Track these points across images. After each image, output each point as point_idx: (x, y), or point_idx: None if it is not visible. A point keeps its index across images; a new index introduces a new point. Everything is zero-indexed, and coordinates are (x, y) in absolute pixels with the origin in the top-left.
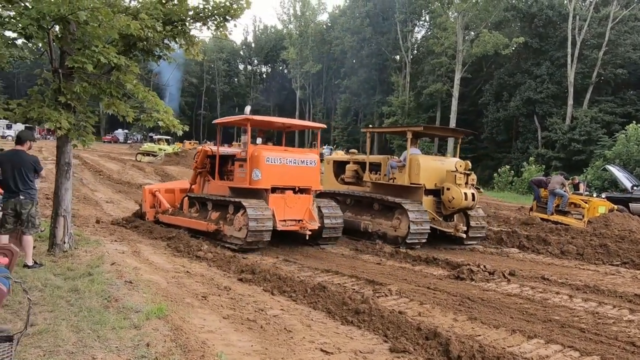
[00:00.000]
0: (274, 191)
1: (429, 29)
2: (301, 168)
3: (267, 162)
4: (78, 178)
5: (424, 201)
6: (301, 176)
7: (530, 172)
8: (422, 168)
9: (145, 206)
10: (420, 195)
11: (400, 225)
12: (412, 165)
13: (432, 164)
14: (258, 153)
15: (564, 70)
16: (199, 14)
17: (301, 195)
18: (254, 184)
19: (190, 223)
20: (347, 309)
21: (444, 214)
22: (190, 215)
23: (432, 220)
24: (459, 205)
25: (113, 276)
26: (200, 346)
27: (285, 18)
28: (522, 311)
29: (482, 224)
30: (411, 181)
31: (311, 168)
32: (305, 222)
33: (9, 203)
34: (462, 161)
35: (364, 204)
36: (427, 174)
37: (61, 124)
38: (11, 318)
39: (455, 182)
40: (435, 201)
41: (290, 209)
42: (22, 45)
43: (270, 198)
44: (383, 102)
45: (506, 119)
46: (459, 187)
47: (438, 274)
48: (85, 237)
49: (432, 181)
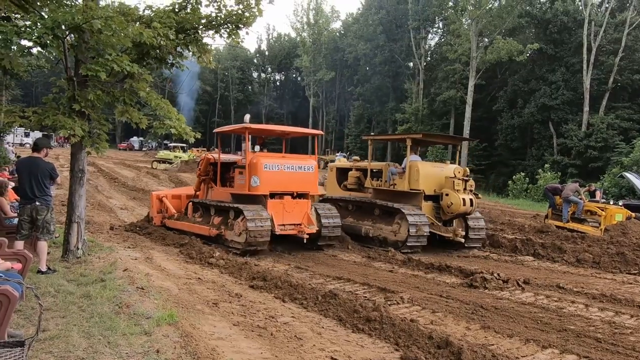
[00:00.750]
0: (273, 197)
1: (442, 36)
2: (299, 174)
3: (265, 169)
4: (93, 185)
5: (423, 206)
6: (299, 182)
7: (545, 179)
8: (421, 174)
9: (152, 211)
10: (419, 201)
11: (400, 229)
12: (412, 171)
13: (431, 170)
14: (256, 160)
15: (579, 77)
16: (212, 22)
17: (299, 200)
18: (252, 190)
19: (194, 228)
20: (358, 316)
21: (443, 219)
22: (195, 220)
23: (431, 225)
24: (457, 210)
25: (125, 282)
26: (210, 353)
27: (298, 26)
28: (537, 320)
29: (480, 225)
30: (411, 187)
31: (309, 174)
32: (304, 226)
33: (25, 209)
34: (460, 167)
35: (365, 209)
36: (427, 180)
37: (75, 131)
38: (23, 323)
39: (454, 188)
40: (434, 206)
41: (288, 214)
42: (38, 54)
43: (269, 203)
44: (396, 109)
45: (521, 126)
46: (458, 193)
47: (451, 282)
48: (99, 244)
49: (432, 187)
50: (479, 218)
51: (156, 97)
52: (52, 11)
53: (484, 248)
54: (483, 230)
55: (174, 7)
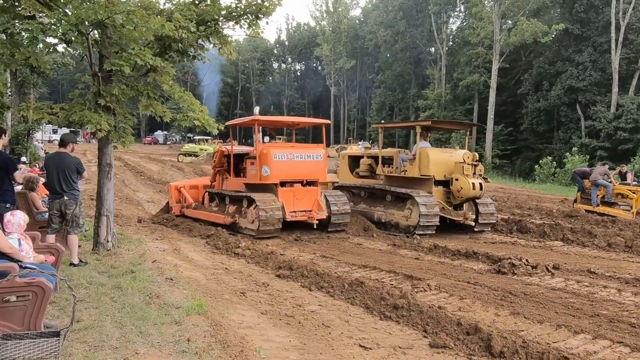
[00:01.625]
0: (284, 185)
1: (464, 20)
2: (308, 162)
3: (275, 159)
4: (120, 179)
5: (434, 192)
6: (308, 170)
7: (573, 162)
8: (431, 160)
9: (171, 201)
10: (430, 186)
11: (412, 215)
12: (422, 157)
13: (441, 156)
14: (267, 151)
15: (607, 57)
16: (232, 13)
17: (309, 188)
18: (264, 179)
19: (210, 216)
20: (385, 304)
21: (454, 203)
22: (211, 210)
23: (442, 209)
24: (467, 194)
25: (154, 273)
26: (239, 341)
27: (318, 15)
28: (568, 306)
29: (490, 211)
30: (421, 173)
31: (317, 162)
32: (313, 212)
33: (54, 204)
34: (469, 153)
35: (377, 195)
36: (437, 165)
37: (101, 126)
38: (58, 314)
39: (463, 173)
40: (445, 191)
41: (299, 201)
42: (63, 52)
43: (279, 191)
44: (419, 95)
45: (547, 109)
46: (467, 178)
47: (478, 269)
48: (128, 236)
49: (442, 172)
50: (489, 203)
51: (179, 89)
52: (76, 8)
53: (511, 233)
54: (493, 214)
55: (194, 0)
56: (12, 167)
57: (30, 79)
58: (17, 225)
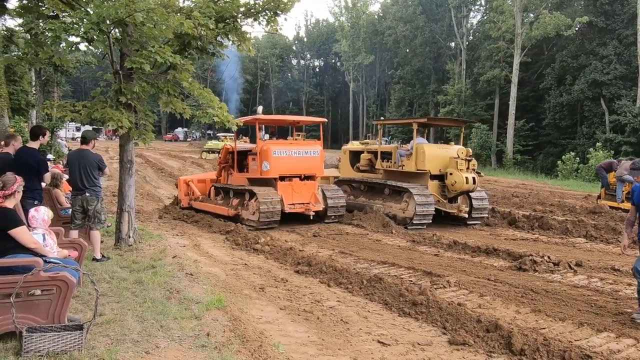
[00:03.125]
0: (283, 179)
1: (484, 13)
2: (305, 158)
3: (274, 155)
4: (142, 176)
5: (429, 185)
6: (305, 165)
7: (597, 158)
8: (427, 155)
9: (180, 194)
10: (426, 180)
11: (408, 207)
12: (418, 153)
13: (436, 151)
14: (267, 147)
15: (633, 49)
16: (250, 9)
17: (307, 182)
18: (264, 174)
19: (215, 209)
20: (404, 300)
21: (448, 196)
22: (216, 202)
23: (437, 202)
24: (461, 188)
25: (175, 269)
26: (258, 336)
27: (336, 10)
28: (591, 303)
29: (484, 205)
30: (417, 168)
31: (314, 157)
32: (311, 205)
33: (77, 200)
34: (464, 148)
35: (376, 189)
36: (432, 160)
37: (122, 123)
38: (81, 308)
39: (457, 168)
40: (440, 185)
41: (297, 194)
42: (85, 50)
43: (279, 185)
44: (438, 91)
45: (570, 104)
46: (461, 172)
47: (499, 265)
48: (149, 232)
49: (437, 167)
50: (483, 198)
51: (198, 86)
52: (97, 7)
53: (532, 230)
54: (486, 208)
55: None
56: (44, 169)
57: (54, 78)
58: (41, 221)
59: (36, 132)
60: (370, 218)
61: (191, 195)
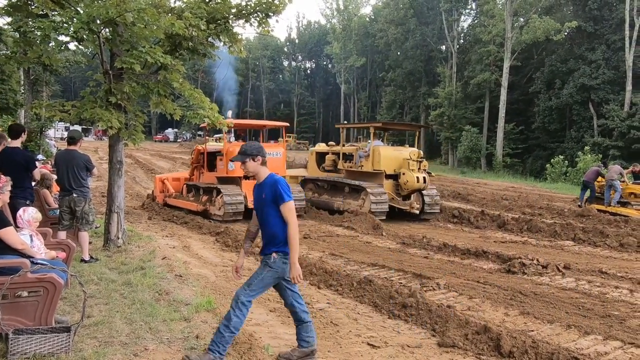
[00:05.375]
0: (247, 178)
1: (475, 17)
2: (269, 159)
3: None
4: (131, 176)
5: (384, 184)
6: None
7: (585, 161)
8: (382, 157)
9: (156, 191)
10: (381, 179)
11: (365, 204)
12: (375, 154)
13: (391, 153)
14: (232, 149)
15: (621, 54)
16: (242, 11)
17: None
18: (230, 173)
19: (186, 205)
20: (394, 302)
21: (402, 194)
22: (188, 199)
23: (392, 199)
24: (412, 186)
25: (164, 270)
26: (248, 339)
27: (328, 13)
28: (578, 306)
29: (435, 202)
30: (374, 168)
31: (277, 158)
32: None
33: (64, 201)
34: (415, 150)
35: (338, 187)
36: (387, 161)
37: (112, 123)
38: (69, 310)
39: (409, 168)
40: (394, 184)
41: None
42: (75, 50)
43: (243, 183)
44: (429, 93)
45: (559, 107)
46: (412, 172)
47: (488, 268)
48: (138, 233)
49: (392, 167)
50: (434, 195)
51: (189, 87)
52: (87, 6)
53: (521, 233)
54: (437, 204)
55: None
56: (32, 165)
57: (43, 77)
58: (26, 222)
59: (17, 130)
60: (360, 220)
61: (166, 192)
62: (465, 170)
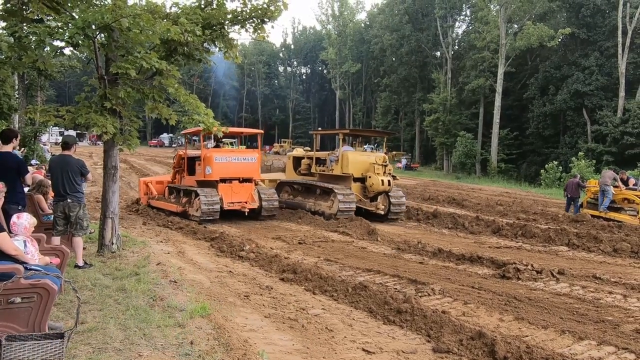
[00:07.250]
0: (224, 181)
1: (470, 24)
2: (244, 164)
3: (216, 161)
4: (126, 182)
5: (352, 187)
6: (244, 169)
7: (579, 167)
8: (350, 161)
9: (140, 193)
10: (349, 182)
11: (333, 205)
12: (344, 159)
13: (359, 158)
14: (210, 154)
15: (614, 61)
16: (237, 17)
17: (245, 184)
18: (207, 177)
19: (167, 206)
20: (389, 308)
21: (369, 196)
22: (170, 201)
23: (359, 201)
24: (377, 189)
25: (158, 276)
26: (242, 344)
27: (323, 19)
28: (573, 311)
29: (400, 202)
30: (343, 171)
31: (252, 163)
32: (247, 203)
33: (58, 206)
34: (381, 155)
35: (310, 189)
36: (355, 165)
37: (107, 128)
38: (63, 316)
39: (375, 172)
40: (362, 186)
41: (236, 194)
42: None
43: (220, 187)
44: (424, 99)
45: (553, 113)
46: (378, 176)
47: (483, 273)
48: (133, 238)
49: (359, 171)
50: (400, 196)
51: (184, 92)
52: (83, 11)
53: (516, 238)
54: (403, 205)
55: (200, 4)
56: (24, 170)
57: (38, 82)
58: (22, 228)
59: (9, 135)
60: (355, 225)
61: (150, 194)
62: (460, 176)
